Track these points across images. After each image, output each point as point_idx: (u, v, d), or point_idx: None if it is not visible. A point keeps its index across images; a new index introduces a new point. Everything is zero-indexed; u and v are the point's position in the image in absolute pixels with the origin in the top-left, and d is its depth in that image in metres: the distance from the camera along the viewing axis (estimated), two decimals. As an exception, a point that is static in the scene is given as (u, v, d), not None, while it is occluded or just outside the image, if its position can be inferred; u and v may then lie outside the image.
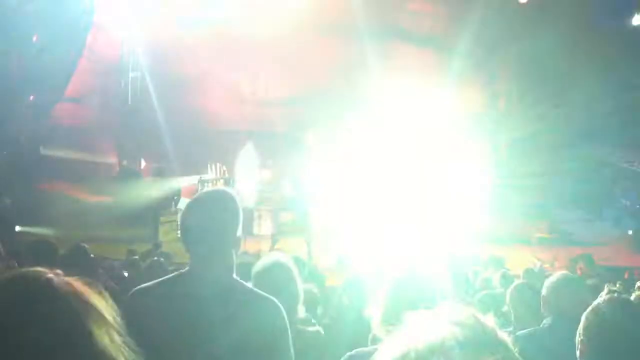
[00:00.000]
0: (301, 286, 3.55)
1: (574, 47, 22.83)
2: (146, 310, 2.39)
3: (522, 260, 15.84)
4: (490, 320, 1.08)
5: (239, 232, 2.52)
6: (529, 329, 3.48)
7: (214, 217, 2.43)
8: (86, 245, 5.90)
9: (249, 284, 2.61)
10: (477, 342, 1.01)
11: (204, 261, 2.44)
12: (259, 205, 18.48)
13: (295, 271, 3.57)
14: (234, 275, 2.49)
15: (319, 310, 5.24)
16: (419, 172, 20.83)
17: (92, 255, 5.81)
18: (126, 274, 8.98)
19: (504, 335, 1.07)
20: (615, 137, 21.32)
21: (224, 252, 2.45)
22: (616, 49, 21.56)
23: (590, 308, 2.41)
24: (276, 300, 2.48)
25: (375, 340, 2.80)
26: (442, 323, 1.05)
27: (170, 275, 2.54)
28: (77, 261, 5.64)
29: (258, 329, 2.34)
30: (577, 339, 2.39)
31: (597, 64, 21.52)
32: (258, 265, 3.56)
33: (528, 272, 10.54)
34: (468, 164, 21.54)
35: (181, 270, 2.54)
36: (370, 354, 2.49)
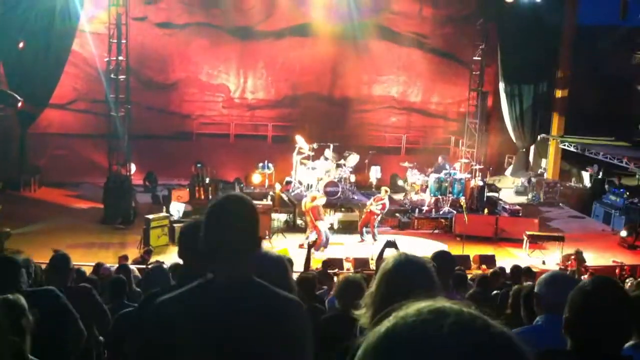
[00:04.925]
0: (293, 280, 3.57)
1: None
2: (174, 324, 2.36)
3: (513, 258, 15.91)
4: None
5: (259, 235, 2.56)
6: (520, 327, 3.48)
7: (239, 217, 2.44)
8: (67, 254, 5.79)
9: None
10: (475, 312, 1.04)
11: (227, 264, 2.43)
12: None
13: (288, 265, 3.57)
14: (255, 277, 2.49)
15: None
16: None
17: (71, 266, 5.69)
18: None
19: None
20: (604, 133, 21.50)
21: (248, 252, 2.47)
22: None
23: (575, 288, 2.47)
24: (300, 301, 2.52)
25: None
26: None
27: (194, 284, 2.48)
28: (56, 270, 5.56)
29: (283, 332, 2.37)
30: (563, 317, 2.43)
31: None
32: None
33: (517, 269, 10.59)
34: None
35: (205, 279, 2.48)
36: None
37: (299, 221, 18.16)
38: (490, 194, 21.15)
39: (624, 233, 18.22)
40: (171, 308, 2.44)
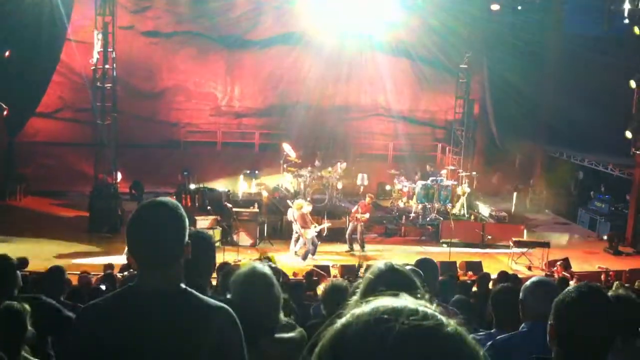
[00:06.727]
0: (280, 293, 3.51)
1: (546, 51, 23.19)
2: (93, 327, 2.35)
3: (499, 264, 15.99)
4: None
5: (186, 240, 2.46)
6: (507, 334, 3.49)
7: (159, 226, 2.38)
8: (62, 267, 5.80)
9: (207, 294, 2.53)
10: (430, 311, 1.05)
11: (150, 273, 2.39)
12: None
13: (274, 278, 3.54)
14: (183, 285, 2.43)
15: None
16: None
17: (65, 278, 5.70)
18: (103, 288, 8.92)
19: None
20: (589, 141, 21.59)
21: (171, 261, 2.40)
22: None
23: (560, 295, 2.47)
24: (229, 309, 2.43)
25: None
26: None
27: (120, 289, 2.48)
28: (53, 283, 5.54)
29: (208, 341, 2.31)
30: (548, 324, 2.43)
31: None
32: (237, 275, 3.50)
33: (504, 275, 10.63)
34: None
35: (130, 284, 2.48)
36: None
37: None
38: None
39: (607, 238, 18.39)
40: (94, 313, 2.42)
